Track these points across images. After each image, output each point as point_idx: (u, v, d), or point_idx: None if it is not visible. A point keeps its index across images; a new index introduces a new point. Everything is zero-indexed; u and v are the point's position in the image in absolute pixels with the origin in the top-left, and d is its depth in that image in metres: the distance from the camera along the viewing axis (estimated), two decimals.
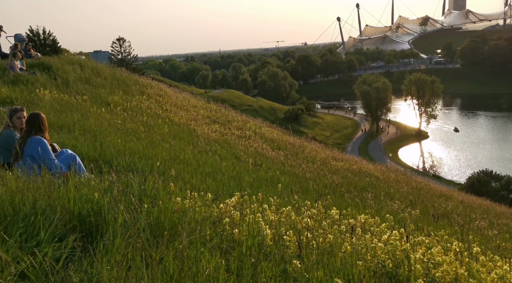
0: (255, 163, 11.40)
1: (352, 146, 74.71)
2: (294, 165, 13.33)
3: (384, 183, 15.02)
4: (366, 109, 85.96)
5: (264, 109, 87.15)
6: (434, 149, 72.86)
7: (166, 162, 7.33)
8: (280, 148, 16.25)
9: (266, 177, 9.55)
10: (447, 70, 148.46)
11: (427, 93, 79.81)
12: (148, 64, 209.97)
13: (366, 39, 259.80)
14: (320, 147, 22.31)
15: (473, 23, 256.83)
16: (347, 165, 17.39)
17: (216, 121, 17.41)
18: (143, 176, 4.01)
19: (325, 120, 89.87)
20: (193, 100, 21.83)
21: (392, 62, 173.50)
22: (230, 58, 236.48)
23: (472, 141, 74.65)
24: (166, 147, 9.13)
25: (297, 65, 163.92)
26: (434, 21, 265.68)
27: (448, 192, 18.68)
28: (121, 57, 48.99)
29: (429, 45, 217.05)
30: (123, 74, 17.39)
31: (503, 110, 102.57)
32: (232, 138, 14.54)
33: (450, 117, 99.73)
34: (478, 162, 61.70)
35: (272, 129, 21.68)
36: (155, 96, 16.19)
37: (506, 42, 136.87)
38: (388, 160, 61.62)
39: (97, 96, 12.21)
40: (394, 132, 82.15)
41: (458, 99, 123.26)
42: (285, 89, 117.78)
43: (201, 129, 13.77)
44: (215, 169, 8.48)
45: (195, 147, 10.75)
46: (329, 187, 10.49)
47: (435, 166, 63.37)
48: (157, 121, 12.08)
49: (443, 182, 48.39)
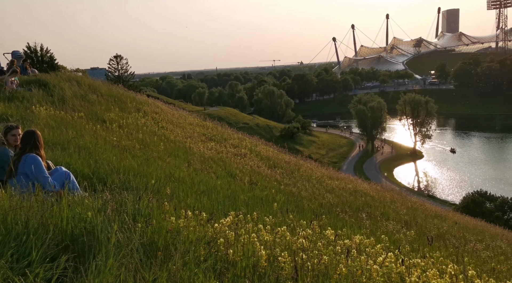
0: (251, 181, 11.36)
1: (347, 164, 74.78)
2: (289, 183, 13.29)
3: (380, 202, 14.98)
4: (361, 129, 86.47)
5: (260, 127, 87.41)
6: (429, 169, 73.09)
7: (161, 179, 7.30)
8: (276, 166, 16.23)
9: (261, 195, 9.50)
10: (441, 91, 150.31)
11: (422, 114, 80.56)
12: (145, 81, 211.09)
13: (361, 59, 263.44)
14: (315, 166, 22.33)
15: (466, 45, 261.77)
16: (343, 184, 17.37)
17: (212, 139, 17.41)
18: (137, 195, 3.98)
19: (321, 139, 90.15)
20: (190, 117, 21.89)
21: (387, 82, 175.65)
22: (226, 76, 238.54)
23: (467, 161, 75.04)
24: (162, 165, 9.10)
25: (293, 84, 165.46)
26: (427, 42, 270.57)
27: (443, 212, 18.65)
28: (118, 74, 49.30)
29: (423, 66, 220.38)
30: (119, 91, 17.46)
31: (496, 131, 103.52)
32: (228, 156, 14.52)
33: (444, 137, 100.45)
34: (472, 182, 61.87)
35: (268, 147, 21.68)
36: (152, 114, 16.22)
37: (499, 64, 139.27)
38: (384, 179, 61.65)
39: (93, 113, 12.21)
40: (389, 152, 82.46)
41: (452, 119, 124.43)
42: (281, 107, 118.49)
43: (196, 147, 13.75)
44: (210, 187, 8.44)
45: (190, 165, 10.71)
46: (324, 206, 10.45)
47: (430, 186, 63.45)
48: (153, 138, 12.06)
49: (438, 202, 48.35)
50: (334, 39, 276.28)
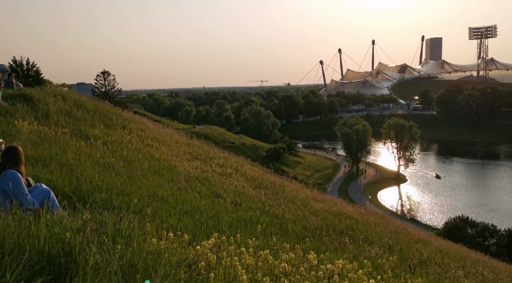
0: (235, 202, 11.28)
1: (332, 186, 75.05)
2: (274, 204, 13.22)
3: (363, 226, 14.99)
4: (346, 151, 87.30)
5: (247, 147, 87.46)
6: (412, 193, 73.83)
7: (144, 199, 7.19)
8: (261, 186, 16.16)
9: (245, 216, 9.42)
10: (424, 116, 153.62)
11: (405, 138, 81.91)
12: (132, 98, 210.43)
13: (347, 83, 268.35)
14: (300, 187, 22.30)
15: (449, 73, 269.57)
16: (327, 206, 17.35)
17: (198, 158, 17.31)
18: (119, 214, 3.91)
19: (307, 160, 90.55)
20: (176, 135, 21.77)
21: (372, 106, 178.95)
22: (214, 95, 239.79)
23: (448, 186, 76.13)
24: (145, 183, 8.99)
25: (280, 105, 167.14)
26: (412, 69, 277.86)
27: (426, 237, 18.74)
28: (105, 90, 49.06)
29: (407, 91, 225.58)
30: (105, 107, 17.33)
31: (477, 157, 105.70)
32: (213, 176, 14.42)
33: (427, 162, 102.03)
34: (454, 207, 62.64)
35: (253, 167, 21.62)
36: (137, 131, 16.10)
37: (480, 92, 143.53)
38: (368, 202, 61.94)
39: (78, 129, 12.06)
40: (374, 175, 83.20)
41: (435, 144, 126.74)
42: (267, 127, 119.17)
43: (182, 166, 13.64)
44: (194, 207, 8.35)
45: (174, 184, 10.60)
46: (308, 229, 10.41)
47: (413, 210, 63.99)
48: (138, 156, 11.93)
49: (421, 226, 48.65)
50: (321, 62, 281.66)
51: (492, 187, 76.14)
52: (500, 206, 63.21)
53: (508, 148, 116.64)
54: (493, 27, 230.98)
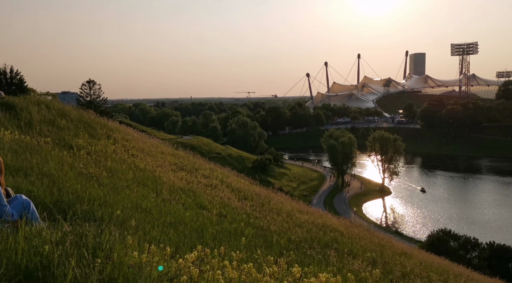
0: (220, 213, 11.21)
1: (318, 198, 75.26)
2: (259, 216, 13.17)
3: (348, 238, 15.03)
4: (332, 163, 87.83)
5: (233, 158, 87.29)
6: (397, 205, 74.53)
7: (127, 210, 7.09)
8: (247, 198, 16.10)
9: (230, 228, 9.36)
10: (408, 129, 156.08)
11: (390, 151, 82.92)
12: (117, 108, 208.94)
13: (333, 96, 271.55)
14: (286, 198, 22.29)
15: (432, 87, 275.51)
16: (312, 218, 17.37)
17: (183, 169, 17.19)
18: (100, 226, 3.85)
19: (293, 172, 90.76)
20: (161, 146, 21.62)
21: (357, 119, 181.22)
22: (201, 106, 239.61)
23: (431, 199, 77.10)
24: (129, 194, 8.87)
25: (267, 116, 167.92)
26: (396, 83, 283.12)
27: (409, 250, 18.88)
28: (90, 100, 48.51)
29: (391, 105, 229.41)
30: (90, 116, 17.13)
31: (460, 171, 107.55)
32: (198, 187, 14.32)
33: (411, 175, 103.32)
34: (437, 220, 63.42)
35: (239, 178, 21.57)
36: (122, 141, 15.94)
37: (462, 107, 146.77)
38: (353, 214, 62.25)
39: (61, 139, 11.87)
40: (359, 187, 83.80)
41: (418, 158, 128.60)
42: (254, 139, 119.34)
43: (167, 177, 13.52)
44: (178, 219, 8.26)
45: (159, 195, 10.49)
46: (293, 241, 10.39)
47: (397, 222, 64.52)
48: (122, 166, 11.79)
49: (405, 239, 49.04)
50: (308, 75, 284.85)
51: (473, 200, 77.45)
52: (480, 218, 64.26)
53: (488, 162, 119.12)
54: (474, 43, 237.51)
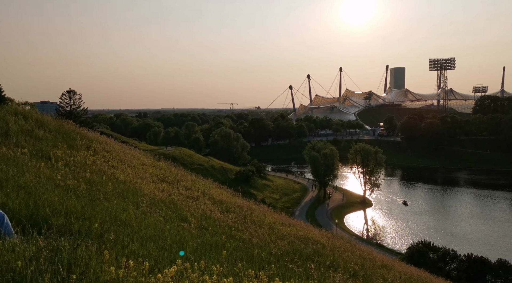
0: (202, 226, 11.09)
1: (300, 210, 75.34)
2: (241, 229, 13.09)
3: (330, 250, 15.06)
4: (314, 175, 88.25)
5: (215, 169, 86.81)
6: (378, 217, 75.23)
7: (105, 223, 6.95)
8: (229, 210, 16.00)
9: (211, 241, 9.27)
10: (388, 142, 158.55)
11: (371, 163, 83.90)
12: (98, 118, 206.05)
13: (316, 108, 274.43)
14: (268, 210, 22.23)
15: (411, 101, 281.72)
16: (294, 230, 17.35)
17: (165, 180, 17.00)
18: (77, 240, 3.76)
19: (275, 183, 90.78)
20: (143, 157, 21.35)
21: (339, 131, 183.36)
22: (184, 117, 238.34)
23: (411, 211, 78.16)
24: (108, 207, 8.70)
25: (250, 128, 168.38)
26: (377, 96, 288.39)
27: (390, 262, 19.03)
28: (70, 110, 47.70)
29: (372, 118, 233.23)
30: (70, 127, 16.83)
31: (438, 184, 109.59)
32: (180, 199, 14.16)
33: (391, 187, 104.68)
34: (417, 232, 64.24)
35: (221, 190, 21.45)
36: (102, 152, 15.68)
37: (440, 121, 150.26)
38: (334, 226, 62.50)
39: (39, 150, 11.60)
40: (341, 199, 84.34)
41: (399, 170, 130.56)
42: (237, 150, 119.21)
43: (147, 188, 13.34)
44: (158, 232, 8.13)
45: (139, 207, 10.33)
46: (274, 254, 10.34)
47: (378, 234, 65.05)
48: (102, 178, 11.58)
49: (385, 251, 49.43)
50: (290, 87, 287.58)
51: (451, 212, 78.92)
52: (458, 230, 65.44)
53: (466, 175, 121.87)
54: (452, 59, 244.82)
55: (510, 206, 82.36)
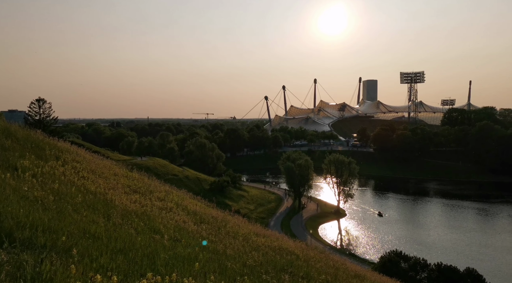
0: (175, 238, 10.92)
1: (275, 220, 75.37)
2: (215, 240, 12.97)
3: (304, 261, 15.09)
4: (289, 185, 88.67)
5: (190, 180, 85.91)
6: (351, 227, 76.16)
7: (73, 236, 6.74)
8: (203, 221, 15.84)
9: (184, 253, 9.13)
10: (362, 153, 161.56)
11: (345, 173, 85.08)
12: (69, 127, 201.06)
13: (291, 119, 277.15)
14: (243, 221, 22.12)
15: (383, 113, 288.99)
16: (269, 241, 17.32)
17: (137, 191, 16.68)
18: (42, 254, 3.62)
19: (250, 194, 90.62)
20: (115, 167, 20.90)
21: (314, 142, 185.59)
22: (158, 127, 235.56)
23: (383, 221, 79.57)
24: (77, 219, 8.45)
25: (225, 138, 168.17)
26: (350, 108, 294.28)
27: (363, 272, 19.24)
28: (39, 119, 46.30)
29: (346, 129, 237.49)
30: (39, 137, 16.33)
31: (409, 194, 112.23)
32: (153, 210, 13.92)
33: (365, 197, 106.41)
34: (389, 241, 65.40)
35: (196, 201, 21.24)
36: (72, 162, 15.26)
37: (411, 132, 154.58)
38: (309, 236, 62.81)
39: (5, 160, 11.17)
40: (315, 209, 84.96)
41: (371, 180, 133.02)
42: (212, 160, 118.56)
43: (119, 200, 13.05)
44: (129, 244, 7.95)
45: (110, 219, 10.08)
46: (248, 266, 10.28)
47: (352, 244, 65.78)
48: (71, 189, 11.26)
49: (358, 261, 50.01)
50: (266, 98, 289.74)
51: (422, 221, 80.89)
52: (427, 239, 67.10)
53: (435, 185, 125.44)
54: (421, 73, 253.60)
55: (475, 216, 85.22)
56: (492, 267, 52.91)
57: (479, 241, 65.39)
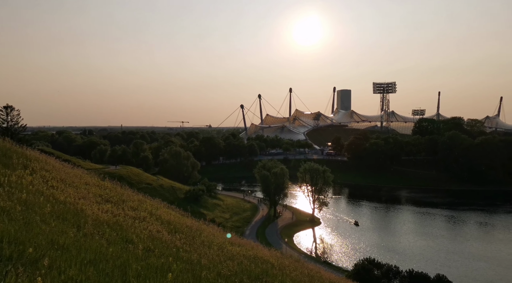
0: (148, 248, 10.73)
1: (250, 229, 75.13)
2: (189, 250, 12.82)
3: (279, 270, 15.10)
4: (265, 193, 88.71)
5: (164, 189, 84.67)
6: (325, 235, 76.80)
7: (41, 247, 6.52)
8: (177, 231, 15.64)
9: (157, 264, 8.98)
10: (336, 161, 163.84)
11: (320, 182, 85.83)
12: (38, 135, 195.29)
13: (266, 127, 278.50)
14: (218, 230, 21.98)
15: (357, 122, 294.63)
16: (244, 250, 17.26)
17: (109, 201, 16.32)
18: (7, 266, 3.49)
19: (225, 203, 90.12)
20: (86, 176, 20.39)
21: (289, 150, 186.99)
22: (132, 135, 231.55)
23: (357, 229, 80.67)
24: (45, 230, 8.18)
25: (201, 146, 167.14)
26: (325, 117, 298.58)
27: (337, 280, 19.42)
28: (7, 126, 44.74)
29: (321, 137, 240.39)
30: (5, 145, 15.77)
31: (382, 202, 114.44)
32: (125, 220, 13.64)
33: (339, 205, 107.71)
34: (362, 249, 66.34)
35: (170, 210, 20.95)
36: (41, 171, 14.79)
37: (383, 141, 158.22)
38: (284, 245, 62.89)
39: None
40: (290, 217, 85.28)
41: (345, 188, 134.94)
42: (187, 169, 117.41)
43: (90, 210, 12.72)
44: (99, 255, 7.75)
45: (80, 230, 9.81)
46: (223, 276, 10.20)
47: (326, 252, 66.28)
48: (39, 199, 10.90)
49: (333, 268, 50.42)
50: (242, 107, 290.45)
51: (393, 229, 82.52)
52: (398, 246, 68.45)
53: (407, 193, 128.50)
54: (393, 83, 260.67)
55: (444, 223, 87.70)
56: (460, 273, 54.45)
57: (447, 248, 67.22)
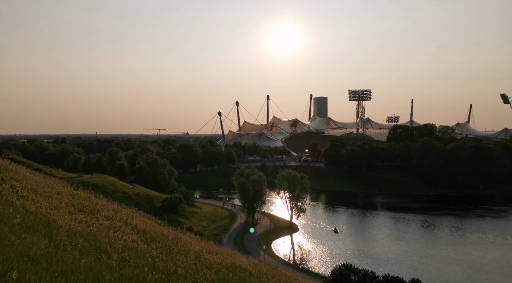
0: (122, 258, 10.52)
1: (228, 237, 74.68)
2: (166, 259, 12.64)
3: (256, 278, 15.07)
4: (243, 201, 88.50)
5: (140, 197, 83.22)
6: (303, 242, 77.14)
7: (10, 259, 6.30)
8: (153, 240, 15.41)
9: (132, 275, 8.82)
10: (313, 168, 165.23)
11: (297, 188, 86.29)
12: (8, 144, 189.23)
13: (244, 134, 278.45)
14: (195, 239, 21.78)
15: (333, 129, 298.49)
16: (221, 258, 17.15)
17: (83, 210, 15.93)
18: None
19: (203, 210, 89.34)
20: (59, 186, 19.86)
21: (267, 157, 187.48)
22: (107, 143, 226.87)
23: (334, 235, 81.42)
24: (14, 241, 7.91)
25: (178, 154, 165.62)
26: (302, 124, 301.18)
27: None
28: None
29: (298, 144, 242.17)
30: None
31: (359, 207, 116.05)
32: (99, 230, 13.34)
33: (316, 212, 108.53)
34: (339, 254, 66.95)
35: (146, 219, 20.64)
36: (11, 181, 14.33)
37: (359, 148, 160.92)
38: (262, 252, 62.76)
39: None
40: (268, 224, 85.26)
41: (323, 195, 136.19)
42: (164, 177, 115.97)
43: (62, 220, 12.39)
44: (71, 267, 7.54)
45: (51, 241, 9.54)
46: None
47: (304, 259, 66.52)
48: (8, 210, 10.55)
49: (311, 275, 50.62)
50: (219, 114, 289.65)
51: (369, 234, 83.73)
52: (374, 251, 69.49)
53: (382, 199, 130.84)
54: (368, 91, 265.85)
55: (418, 227, 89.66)
56: (433, 276, 55.65)
57: (420, 252, 68.64)
